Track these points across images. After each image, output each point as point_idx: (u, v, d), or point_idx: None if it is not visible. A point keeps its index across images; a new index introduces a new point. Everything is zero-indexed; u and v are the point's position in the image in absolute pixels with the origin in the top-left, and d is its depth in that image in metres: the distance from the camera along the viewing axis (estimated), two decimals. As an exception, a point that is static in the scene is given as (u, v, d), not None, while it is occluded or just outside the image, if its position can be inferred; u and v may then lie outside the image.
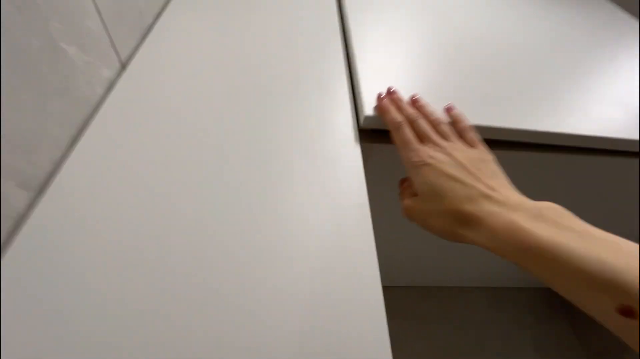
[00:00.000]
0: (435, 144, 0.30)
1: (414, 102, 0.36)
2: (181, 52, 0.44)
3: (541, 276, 0.22)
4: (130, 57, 0.42)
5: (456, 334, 0.87)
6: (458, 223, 0.26)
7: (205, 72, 0.41)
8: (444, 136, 0.32)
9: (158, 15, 0.50)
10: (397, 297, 0.90)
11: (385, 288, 0.25)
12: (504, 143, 0.42)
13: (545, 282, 0.22)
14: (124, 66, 0.41)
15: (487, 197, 0.25)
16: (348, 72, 0.46)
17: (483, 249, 0.25)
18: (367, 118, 0.37)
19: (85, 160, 0.30)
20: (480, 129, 0.36)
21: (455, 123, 0.34)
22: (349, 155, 0.35)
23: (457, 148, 0.30)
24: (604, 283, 0.18)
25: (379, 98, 0.38)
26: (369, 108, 0.38)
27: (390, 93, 0.38)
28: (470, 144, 0.31)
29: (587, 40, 0.63)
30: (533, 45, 0.58)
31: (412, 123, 0.33)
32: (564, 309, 0.93)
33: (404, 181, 0.34)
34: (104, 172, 0.29)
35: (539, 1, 0.74)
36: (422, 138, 0.32)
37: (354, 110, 0.40)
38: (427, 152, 0.29)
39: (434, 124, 0.33)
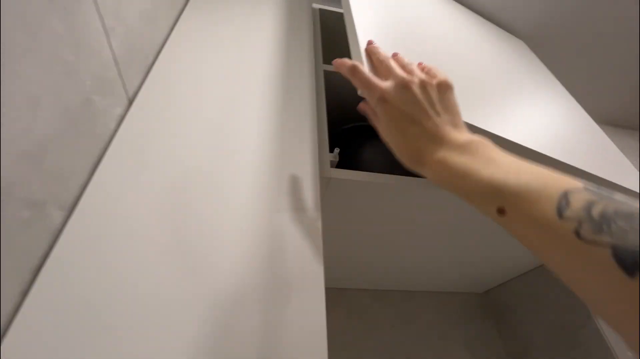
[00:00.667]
0: (396, 76, 0.33)
1: (394, 54, 0.39)
2: (177, 86, 0.53)
3: (462, 197, 0.28)
4: (136, 93, 0.51)
5: (402, 331, 1.01)
6: (412, 161, 0.31)
7: (199, 104, 0.51)
8: (409, 72, 0.34)
9: (158, 53, 0.58)
10: (354, 297, 1.03)
11: (345, 290, 0.36)
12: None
13: (466, 202, 0.27)
14: (130, 102, 0.49)
15: (433, 138, 0.30)
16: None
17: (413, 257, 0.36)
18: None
19: (102, 184, 0.39)
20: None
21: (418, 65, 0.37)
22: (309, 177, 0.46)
23: (418, 80, 0.32)
24: (490, 192, 0.25)
25: (370, 41, 0.40)
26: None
27: (369, 43, 0.40)
28: (432, 76, 0.34)
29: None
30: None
31: (379, 65, 0.35)
32: (491, 312, 1.10)
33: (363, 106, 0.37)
34: (117, 193, 0.38)
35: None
36: (386, 75, 0.34)
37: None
38: (386, 86, 0.32)
39: (400, 62, 0.36)
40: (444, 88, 0.33)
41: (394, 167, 0.57)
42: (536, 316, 0.92)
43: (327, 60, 1.06)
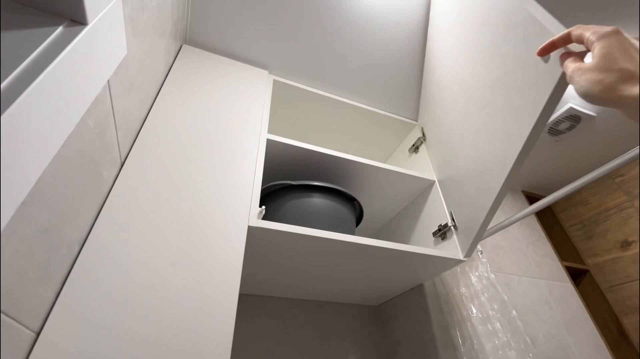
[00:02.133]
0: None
1: None
2: (161, 148, 0.77)
3: None
4: (126, 156, 0.74)
5: (310, 333, 1.30)
6: (620, 80, 0.33)
7: (182, 163, 0.75)
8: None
9: (144, 120, 0.81)
10: (273, 304, 1.30)
11: (267, 297, 0.63)
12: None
13: None
14: (122, 164, 0.72)
15: None
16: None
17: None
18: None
19: (102, 228, 0.62)
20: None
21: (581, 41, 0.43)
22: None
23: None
24: None
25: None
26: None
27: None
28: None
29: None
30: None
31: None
32: (380, 320, 1.45)
33: (565, 56, 0.43)
34: (114, 236, 0.62)
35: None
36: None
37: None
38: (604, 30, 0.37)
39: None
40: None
41: (304, 220, 0.86)
42: (404, 324, 1.27)
43: (271, 129, 1.35)
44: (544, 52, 0.51)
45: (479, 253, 1.06)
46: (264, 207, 0.83)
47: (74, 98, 0.35)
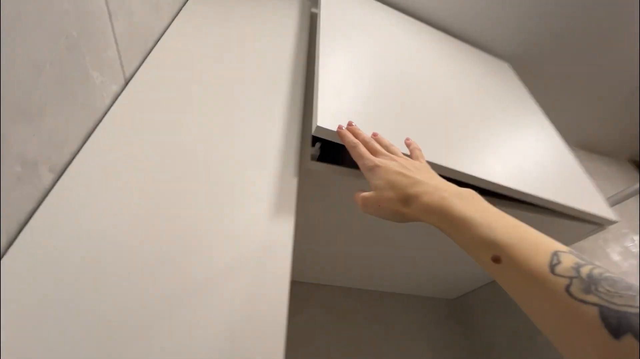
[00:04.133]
0: (384, 155, 0.39)
1: (373, 134, 0.47)
2: (172, 73, 0.56)
3: (452, 237, 0.30)
4: (133, 74, 0.54)
5: (370, 329, 1.04)
6: (402, 204, 0.34)
7: (191, 92, 0.54)
8: (393, 153, 0.41)
9: (157, 40, 0.61)
10: (327, 294, 1.06)
11: (318, 286, 0.39)
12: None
13: (455, 241, 0.30)
14: (127, 82, 0.52)
15: (423, 183, 0.34)
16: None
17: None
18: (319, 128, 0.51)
19: (92, 152, 0.42)
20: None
21: (407, 146, 0.47)
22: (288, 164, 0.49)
23: (401, 158, 0.39)
24: (485, 241, 0.27)
25: (340, 127, 0.47)
26: (321, 120, 0.52)
27: (349, 124, 0.48)
28: (415, 159, 0.41)
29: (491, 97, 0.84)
30: (457, 93, 0.76)
31: (367, 144, 0.42)
32: (460, 317, 1.14)
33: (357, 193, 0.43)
34: (105, 164, 0.41)
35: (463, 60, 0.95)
36: (374, 153, 0.40)
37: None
38: (378, 159, 0.38)
39: (385, 145, 0.42)
40: (423, 166, 0.39)
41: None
42: (499, 321, 0.96)
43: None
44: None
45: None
46: (319, 144, 0.59)
47: None
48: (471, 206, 0.30)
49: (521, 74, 1.07)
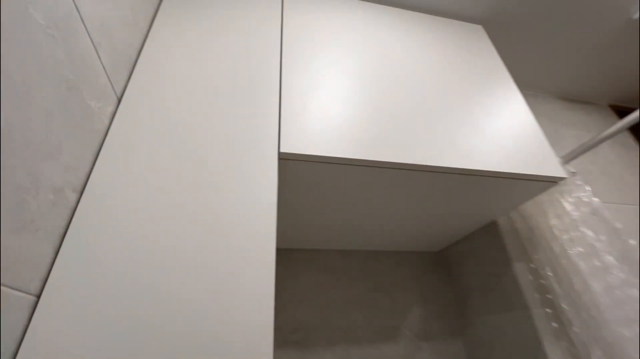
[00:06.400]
0: None
1: None
2: (159, 81, 0.63)
3: None
4: (123, 91, 0.61)
5: (363, 285, 1.19)
6: None
7: (181, 97, 0.61)
8: None
9: (139, 51, 0.67)
10: (324, 257, 1.19)
11: (316, 251, 0.50)
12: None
13: None
14: (119, 100, 0.59)
15: None
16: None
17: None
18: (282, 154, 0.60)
19: (104, 169, 0.51)
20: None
21: None
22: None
23: None
24: None
25: None
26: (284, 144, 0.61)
27: None
28: None
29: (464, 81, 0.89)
30: (428, 88, 0.82)
31: None
32: (443, 267, 1.29)
33: None
34: (116, 176, 0.50)
35: (432, 50, 0.98)
36: None
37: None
38: None
39: None
40: None
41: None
42: (474, 269, 1.10)
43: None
44: None
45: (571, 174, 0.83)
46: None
47: None
48: None
49: (496, 34, 1.09)
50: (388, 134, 0.70)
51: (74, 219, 0.46)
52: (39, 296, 0.41)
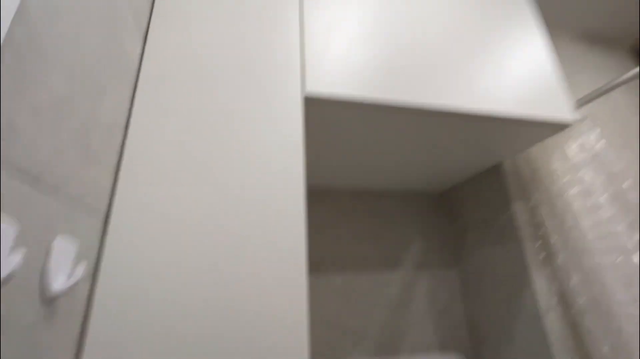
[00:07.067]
0: None
1: None
2: (182, 23, 0.63)
3: None
4: (148, 27, 0.61)
5: (371, 222, 1.29)
6: None
7: (203, 34, 0.62)
8: None
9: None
10: (334, 196, 1.28)
11: (326, 191, 0.55)
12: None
13: None
14: (145, 38, 0.60)
15: None
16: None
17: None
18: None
19: (142, 113, 0.54)
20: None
21: None
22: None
23: None
24: None
25: None
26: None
27: None
28: None
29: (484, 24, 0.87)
30: (447, 30, 0.81)
31: None
32: (444, 207, 1.38)
33: None
34: (157, 120, 0.54)
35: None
36: None
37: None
38: None
39: None
40: None
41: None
42: (473, 209, 1.19)
43: None
44: None
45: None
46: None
47: None
48: None
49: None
50: (408, 74, 0.71)
51: (124, 155, 0.51)
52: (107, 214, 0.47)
